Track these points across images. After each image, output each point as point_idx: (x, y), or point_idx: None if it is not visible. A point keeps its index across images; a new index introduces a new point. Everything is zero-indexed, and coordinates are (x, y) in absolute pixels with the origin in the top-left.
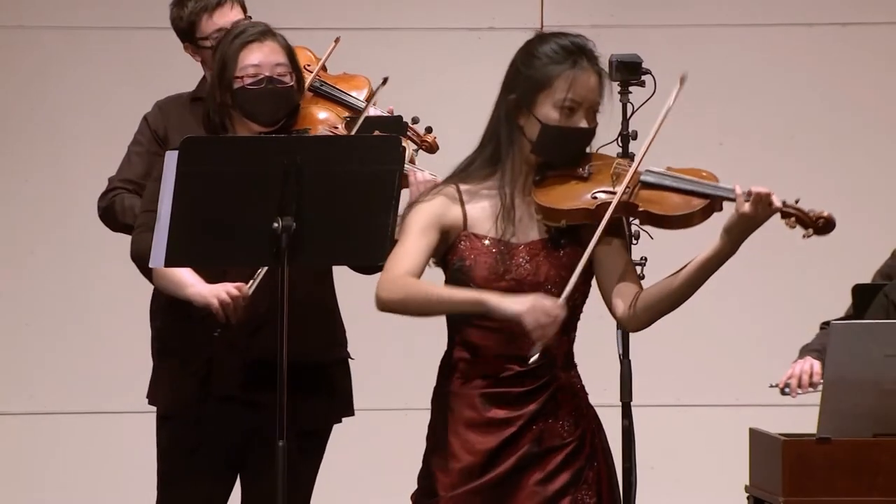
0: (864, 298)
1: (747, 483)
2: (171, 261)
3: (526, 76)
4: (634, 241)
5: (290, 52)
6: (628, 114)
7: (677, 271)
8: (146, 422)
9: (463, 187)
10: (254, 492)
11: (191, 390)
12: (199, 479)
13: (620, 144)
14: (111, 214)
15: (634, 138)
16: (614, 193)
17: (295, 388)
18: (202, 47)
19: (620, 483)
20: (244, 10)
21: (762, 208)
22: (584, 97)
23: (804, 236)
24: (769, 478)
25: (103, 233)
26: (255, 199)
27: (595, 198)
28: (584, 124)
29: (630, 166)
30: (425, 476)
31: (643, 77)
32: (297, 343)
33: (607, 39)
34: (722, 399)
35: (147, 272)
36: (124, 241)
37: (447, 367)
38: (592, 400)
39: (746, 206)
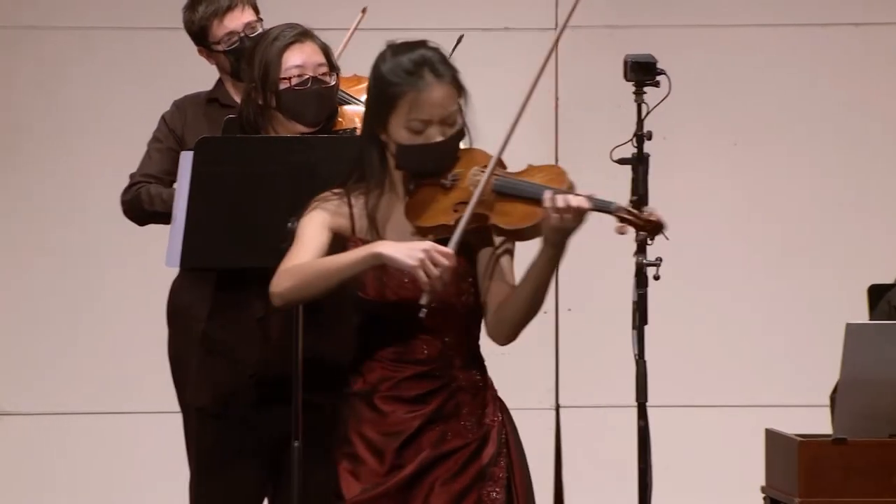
0: (880, 299)
1: (763, 484)
2: (186, 261)
3: (374, 98)
4: (650, 242)
5: (327, 53)
6: (643, 114)
7: (522, 281)
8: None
9: (353, 194)
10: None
11: (239, 390)
12: (239, 479)
13: (636, 145)
14: (137, 205)
15: (649, 139)
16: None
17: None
18: (215, 51)
19: (637, 483)
20: (256, 11)
21: (572, 218)
22: (431, 113)
23: (636, 240)
24: (785, 479)
25: (119, 230)
26: (270, 199)
27: (455, 211)
28: (438, 137)
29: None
30: (333, 478)
31: (658, 77)
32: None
33: (622, 40)
34: (737, 400)
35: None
36: (140, 237)
37: (351, 369)
38: (608, 401)
39: (553, 218)
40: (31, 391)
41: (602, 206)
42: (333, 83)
